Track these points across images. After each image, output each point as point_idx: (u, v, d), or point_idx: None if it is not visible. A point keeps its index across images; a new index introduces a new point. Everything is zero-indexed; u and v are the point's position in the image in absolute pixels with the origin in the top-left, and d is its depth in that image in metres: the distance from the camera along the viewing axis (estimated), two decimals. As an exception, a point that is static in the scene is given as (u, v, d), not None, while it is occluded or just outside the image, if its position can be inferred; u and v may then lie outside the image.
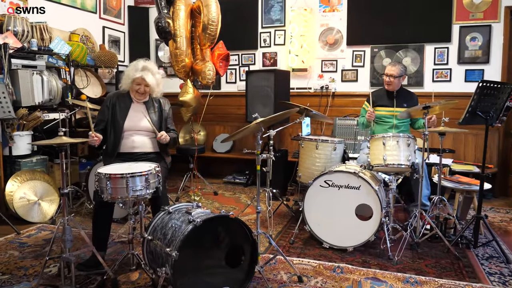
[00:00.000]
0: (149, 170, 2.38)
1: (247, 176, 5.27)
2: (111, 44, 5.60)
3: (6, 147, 3.76)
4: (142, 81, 2.88)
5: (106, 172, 2.31)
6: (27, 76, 3.78)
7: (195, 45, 4.24)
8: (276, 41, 5.45)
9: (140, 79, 2.87)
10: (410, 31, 4.90)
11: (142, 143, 2.91)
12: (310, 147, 3.62)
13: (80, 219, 3.80)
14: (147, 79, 2.87)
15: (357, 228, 2.96)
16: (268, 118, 2.52)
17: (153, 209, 2.76)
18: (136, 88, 2.89)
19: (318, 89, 5.29)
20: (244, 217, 3.86)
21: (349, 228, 2.97)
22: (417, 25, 4.86)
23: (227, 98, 5.69)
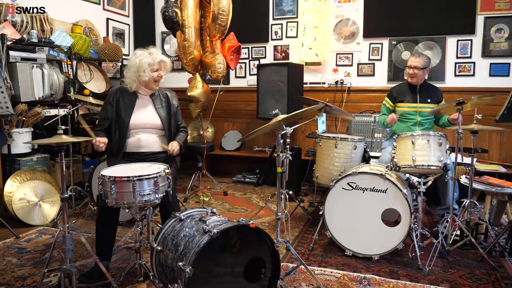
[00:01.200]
0: (158, 172, 2.14)
1: (257, 175, 5.04)
2: (115, 37, 5.36)
3: (5, 145, 3.54)
4: (160, 65, 2.64)
5: (111, 175, 2.08)
6: (26, 70, 3.55)
7: (205, 36, 3.99)
8: (288, 34, 5.19)
9: (158, 63, 2.62)
10: (431, 23, 4.63)
11: (149, 141, 2.67)
12: (329, 145, 3.37)
13: (83, 221, 3.58)
14: (164, 58, 2.65)
15: (383, 234, 2.71)
16: (291, 115, 2.26)
17: (163, 215, 2.53)
18: (155, 76, 2.63)
19: (333, 84, 5.03)
20: (257, 220, 3.62)
21: (374, 234, 2.73)
22: (438, 16, 4.59)
23: (237, 93, 5.44)
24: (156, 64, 2.63)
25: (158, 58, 2.64)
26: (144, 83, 2.65)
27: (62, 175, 2.09)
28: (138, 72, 2.59)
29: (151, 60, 2.60)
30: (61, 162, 2.05)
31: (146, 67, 2.58)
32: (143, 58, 2.60)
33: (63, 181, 2.11)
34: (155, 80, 2.67)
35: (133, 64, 2.60)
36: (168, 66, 2.73)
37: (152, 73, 2.62)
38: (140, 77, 2.60)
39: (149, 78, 2.61)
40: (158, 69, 2.65)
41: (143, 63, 2.58)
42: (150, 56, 2.62)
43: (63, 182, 2.11)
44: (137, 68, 2.59)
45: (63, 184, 2.11)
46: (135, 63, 2.59)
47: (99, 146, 2.40)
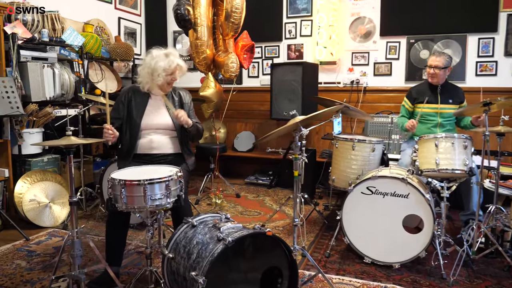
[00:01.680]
0: (170, 175, 2.05)
1: (270, 177, 4.93)
2: (127, 36, 5.30)
3: (15, 146, 3.50)
4: (176, 69, 2.55)
5: (121, 178, 1.99)
6: (37, 69, 3.50)
7: (217, 35, 3.89)
8: (302, 32, 5.07)
9: (174, 68, 2.52)
10: (450, 20, 4.46)
11: (161, 143, 2.59)
12: (346, 147, 3.25)
13: (94, 223, 3.52)
14: (180, 63, 2.56)
15: (404, 241, 2.58)
16: (310, 116, 2.15)
17: (174, 220, 2.44)
18: (169, 79, 2.55)
19: (348, 83, 4.89)
20: (271, 223, 3.51)
21: (395, 241, 2.60)
22: (458, 13, 4.42)
23: (249, 93, 5.33)
24: (173, 69, 2.53)
25: (174, 63, 2.52)
26: (157, 85, 2.57)
27: (70, 178, 2.01)
28: (152, 75, 2.51)
29: (167, 66, 2.49)
30: (69, 164, 1.97)
31: (161, 72, 2.49)
32: (159, 61, 2.48)
33: (72, 184, 2.03)
34: (169, 83, 2.58)
35: (148, 65, 2.51)
36: (183, 70, 2.63)
37: (166, 77, 2.53)
38: (154, 81, 2.52)
39: (163, 82, 2.53)
40: (173, 73, 2.55)
41: (158, 67, 2.48)
42: (166, 60, 2.50)
43: (72, 186, 2.03)
44: (151, 70, 2.50)
45: (71, 187, 2.03)
46: (150, 65, 2.50)
47: (107, 132, 2.29)
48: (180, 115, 2.50)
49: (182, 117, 2.50)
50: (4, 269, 2.63)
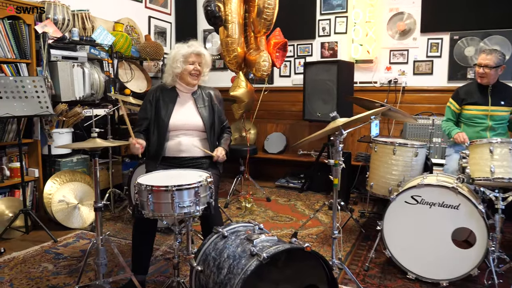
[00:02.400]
0: (200, 181, 1.90)
1: (302, 180, 4.73)
2: (157, 35, 5.24)
3: (45, 146, 3.47)
4: (197, 57, 2.43)
5: (148, 184, 1.87)
6: (67, 69, 3.46)
7: (249, 32, 3.74)
8: (336, 29, 4.85)
9: (194, 55, 2.41)
10: (500, 15, 4.12)
11: (190, 145, 2.45)
12: (386, 152, 3.03)
13: (122, 226, 3.45)
14: (202, 51, 2.44)
15: (453, 257, 2.34)
16: (354, 118, 1.96)
17: (204, 228, 2.30)
18: (190, 69, 2.42)
19: (385, 83, 4.64)
20: (304, 231, 3.33)
21: (443, 256, 2.36)
22: (509, 7, 4.08)
23: (281, 93, 5.16)
24: (192, 55, 2.41)
25: (193, 49, 2.41)
26: (178, 77, 2.44)
27: (96, 183, 1.91)
28: (172, 64, 2.40)
29: (186, 51, 2.40)
30: (94, 168, 1.86)
31: (179, 58, 2.39)
32: (180, 49, 2.40)
33: (97, 188, 1.93)
34: (191, 73, 2.44)
35: (171, 57, 2.42)
36: (207, 60, 2.49)
37: (186, 66, 2.40)
38: (174, 70, 2.41)
39: (181, 70, 2.41)
40: (194, 62, 2.43)
41: (177, 54, 2.39)
42: (186, 47, 2.42)
43: (97, 190, 1.93)
44: (172, 60, 2.41)
45: (96, 192, 1.93)
46: (171, 56, 2.42)
47: (135, 147, 2.21)
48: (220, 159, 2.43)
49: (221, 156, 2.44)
50: (31, 272, 2.57)
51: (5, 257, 2.79)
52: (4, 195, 3.32)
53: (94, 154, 1.86)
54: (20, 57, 3.25)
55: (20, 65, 3.26)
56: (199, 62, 2.45)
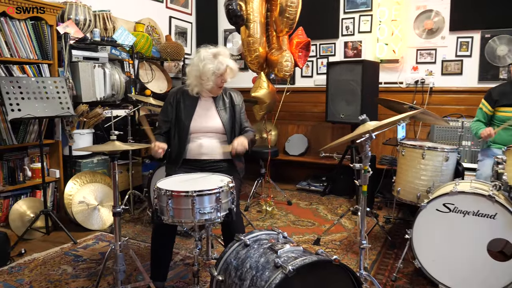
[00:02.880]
0: (221, 187, 1.83)
1: (324, 183, 4.61)
2: (177, 36, 5.21)
3: (66, 146, 3.46)
4: (226, 71, 2.33)
5: (167, 189, 1.80)
6: (88, 69, 3.44)
7: (271, 32, 3.65)
8: (361, 28, 4.71)
9: (224, 71, 2.30)
10: (536, 11, 3.92)
11: (211, 148, 2.38)
12: (414, 156, 2.89)
13: (141, 228, 3.41)
14: (231, 64, 2.33)
15: (489, 270, 2.19)
16: (386, 122, 1.85)
17: (225, 234, 2.22)
18: (219, 82, 2.34)
19: (412, 83, 4.47)
20: (327, 236, 3.21)
21: (477, 269, 2.22)
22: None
23: (302, 94, 5.05)
24: (221, 72, 2.31)
25: (223, 65, 2.29)
26: (206, 89, 2.37)
27: (114, 186, 1.85)
28: (200, 78, 2.30)
29: (216, 69, 2.26)
30: (113, 171, 1.81)
31: (210, 76, 2.27)
32: (208, 63, 2.26)
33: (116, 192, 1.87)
34: (219, 86, 2.37)
35: (196, 68, 2.30)
36: (234, 72, 2.39)
37: (216, 80, 2.31)
38: (203, 84, 2.31)
39: (212, 86, 2.32)
40: (222, 74, 2.33)
41: (206, 70, 2.26)
42: (215, 62, 2.27)
43: (116, 194, 1.87)
44: (200, 73, 2.28)
45: (115, 195, 1.88)
46: (198, 68, 2.28)
47: (157, 152, 2.16)
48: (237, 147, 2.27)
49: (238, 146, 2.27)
50: (51, 275, 2.55)
51: (26, 258, 2.79)
52: (26, 196, 3.33)
53: (114, 157, 1.80)
54: (42, 58, 3.25)
55: (42, 66, 3.26)
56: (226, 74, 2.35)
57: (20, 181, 3.25)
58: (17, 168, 3.26)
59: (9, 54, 3.04)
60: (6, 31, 3.01)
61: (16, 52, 3.08)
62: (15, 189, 3.22)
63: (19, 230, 3.08)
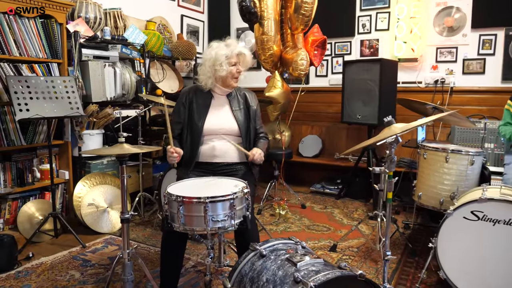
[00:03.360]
0: (235, 193, 1.72)
1: (339, 186, 4.48)
2: (189, 35, 5.11)
3: (76, 147, 3.39)
4: (238, 58, 2.28)
5: (178, 194, 1.69)
6: (98, 68, 3.36)
7: (285, 29, 3.53)
8: (378, 26, 4.56)
9: (236, 56, 2.26)
10: None
11: (224, 150, 2.28)
12: (437, 159, 2.75)
13: (151, 231, 3.32)
14: (244, 50, 2.28)
15: (522, 282, 2.04)
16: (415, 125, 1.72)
17: (238, 243, 2.11)
18: (234, 71, 2.26)
19: (431, 83, 4.31)
20: (344, 242, 3.08)
21: (509, 282, 2.07)
22: None
23: (316, 93, 4.91)
24: (234, 56, 2.26)
25: (236, 49, 2.26)
26: (221, 80, 2.28)
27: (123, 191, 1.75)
28: (214, 66, 2.23)
29: (228, 52, 2.23)
30: (121, 176, 1.71)
31: (223, 60, 2.21)
32: (220, 50, 2.23)
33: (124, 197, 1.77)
34: (234, 76, 2.28)
35: (209, 57, 2.24)
36: (247, 60, 2.33)
37: (230, 67, 2.24)
38: (217, 72, 2.23)
39: (226, 73, 2.23)
40: (236, 63, 2.27)
41: (219, 56, 2.21)
42: (227, 48, 2.25)
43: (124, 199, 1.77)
44: (213, 62, 2.23)
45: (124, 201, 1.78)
46: (211, 56, 2.23)
47: (172, 156, 2.06)
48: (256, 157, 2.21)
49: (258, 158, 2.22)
50: (58, 280, 2.47)
51: (33, 262, 2.71)
52: (35, 197, 3.26)
53: (122, 160, 1.70)
54: (51, 56, 3.18)
55: (51, 65, 3.19)
56: (240, 63, 2.28)
57: (29, 183, 3.19)
58: (25, 169, 3.20)
59: (18, 52, 2.97)
60: (15, 29, 2.94)
61: (25, 50, 3.01)
62: (24, 190, 3.15)
63: (27, 232, 3.01)
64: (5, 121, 2.97)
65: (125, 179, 1.75)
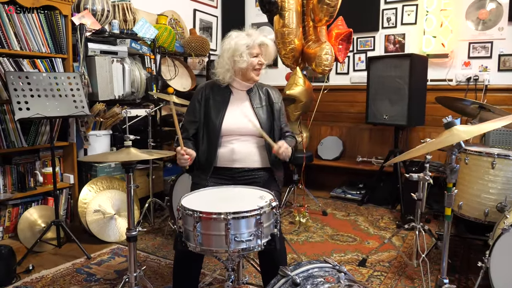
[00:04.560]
0: (262, 207, 1.44)
1: (361, 191, 4.18)
2: (202, 31, 4.86)
3: (81, 149, 3.15)
4: (260, 48, 2.02)
5: (195, 209, 1.42)
6: (105, 64, 3.12)
7: (307, 22, 3.24)
8: (404, 20, 4.24)
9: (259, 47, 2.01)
10: None
11: (246, 153, 2.00)
12: (481, 164, 2.45)
13: (162, 241, 3.06)
14: (267, 40, 2.03)
15: None
16: (491, 128, 1.42)
17: (263, 265, 1.83)
18: (255, 63, 2.00)
19: (463, 81, 3.98)
20: (374, 256, 2.78)
21: None
22: None
23: (337, 92, 4.61)
24: (256, 47, 2.00)
25: (258, 39, 2.00)
26: (240, 73, 2.02)
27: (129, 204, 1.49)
28: (233, 57, 1.98)
29: (250, 42, 1.98)
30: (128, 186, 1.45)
31: (243, 50, 1.95)
32: (240, 39, 1.97)
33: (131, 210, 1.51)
34: (255, 68, 2.01)
35: (228, 47, 1.98)
36: (270, 52, 2.07)
37: (251, 59, 1.98)
38: (236, 64, 1.98)
39: (247, 64, 1.98)
40: (258, 54, 2.01)
41: (239, 46, 1.96)
42: (248, 38, 1.99)
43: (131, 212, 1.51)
44: (232, 52, 1.97)
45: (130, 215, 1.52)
46: (230, 46, 1.97)
47: (183, 158, 1.80)
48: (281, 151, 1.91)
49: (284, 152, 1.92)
50: (59, 298, 2.22)
51: (33, 276, 2.47)
52: (37, 203, 3.03)
53: (129, 168, 1.44)
54: (55, 51, 2.94)
55: (55, 60, 2.95)
56: (263, 54, 2.02)
57: (30, 188, 2.95)
58: (27, 173, 2.97)
59: (18, 47, 2.74)
60: (15, 21, 2.71)
61: (26, 44, 2.77)
62: (25, 196, 2.91)
63: (28, 241, 2.78)
64: (5, 120, 2.74)
65: (132, 189, 1.48)
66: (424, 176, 2.29)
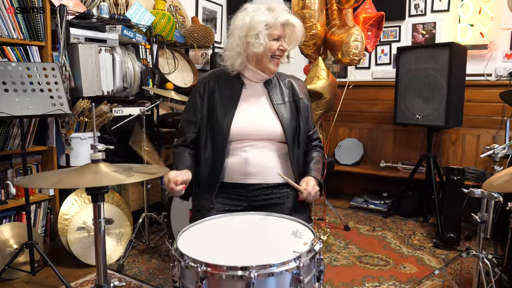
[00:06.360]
0: (299, 256, 0.94)
1: (386, 201, 3.67)
2: (205, 22, 4.36)
3: (62, 155, 2.66)
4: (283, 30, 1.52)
5: (200, 259, 0.92)
6: (91, 54, 2.61)
7: (330, 5, 2.74)
8: (434, 7, 3.73)
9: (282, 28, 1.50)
10: None
11: (263, 165, 1.52)
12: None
13: (158, 263, 2.57)
14: (293, 20, 1.52)
15: None
16: None
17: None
18: (274, 48, 1.50)
19: (505, 75, 3.47)
20: (411, 283, 2.28)
21: None
22: None
23: (356, 89, 4.06)
24: (279, 26, 1.50)
25: (282, 16, 1.49)
26: (254, 59, 1.52)
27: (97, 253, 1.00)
28: (247, 37, 1.47)
29: (271, 19, 1.47)
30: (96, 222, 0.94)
31: (261, 29, 1.45)
32: (258, 15, 1.46)
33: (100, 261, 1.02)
34: (274, 55, 1.51)
35: (241, 24, 1.48)
36: (297, 35, 1.57)
37: (271, 42, 1.48)
38: (250, 47, 1.48)
39: (264, 49, 1.47)
40: (280, 37, 1.50)
41: (256, 23, 1.45)
42: (269, 13, 1.49)
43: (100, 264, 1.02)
44: (246, 30, 1.47)
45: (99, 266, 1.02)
46: (244, 22, 1.47)
47: (175, 190, 1.32)
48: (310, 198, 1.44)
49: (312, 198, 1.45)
50: None
51: (-3, 314, 1.98)
52: (9, 220, 2.54)
53: (97, 194, 0.94)
54: (30, 38, 2.45)
55: (30, 48, 2.45)
56: (286, 37, 1.52)
57: (1, 201, 2.46)
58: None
59: (-17, 31, 2.25)
60: (-21, 0, 2.22)
61: (-8, 28, 2.28)
62: (-7, 211, 2.43)
63: (-4, 267, 2.29)
64: (-34, 121, 2.25)
65: (102, 226, 0.99)
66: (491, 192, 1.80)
